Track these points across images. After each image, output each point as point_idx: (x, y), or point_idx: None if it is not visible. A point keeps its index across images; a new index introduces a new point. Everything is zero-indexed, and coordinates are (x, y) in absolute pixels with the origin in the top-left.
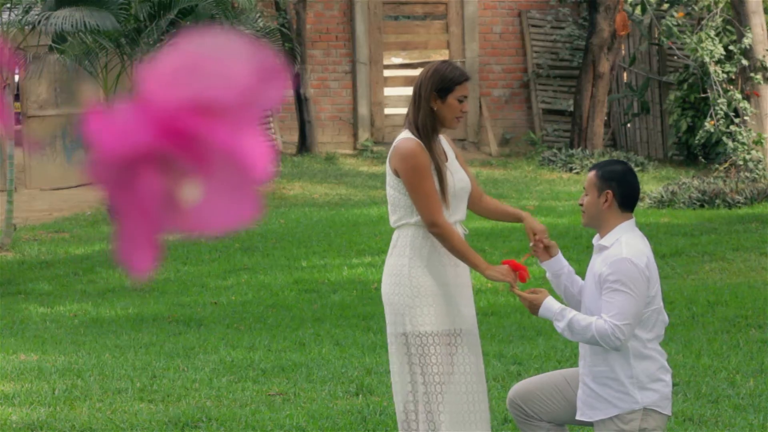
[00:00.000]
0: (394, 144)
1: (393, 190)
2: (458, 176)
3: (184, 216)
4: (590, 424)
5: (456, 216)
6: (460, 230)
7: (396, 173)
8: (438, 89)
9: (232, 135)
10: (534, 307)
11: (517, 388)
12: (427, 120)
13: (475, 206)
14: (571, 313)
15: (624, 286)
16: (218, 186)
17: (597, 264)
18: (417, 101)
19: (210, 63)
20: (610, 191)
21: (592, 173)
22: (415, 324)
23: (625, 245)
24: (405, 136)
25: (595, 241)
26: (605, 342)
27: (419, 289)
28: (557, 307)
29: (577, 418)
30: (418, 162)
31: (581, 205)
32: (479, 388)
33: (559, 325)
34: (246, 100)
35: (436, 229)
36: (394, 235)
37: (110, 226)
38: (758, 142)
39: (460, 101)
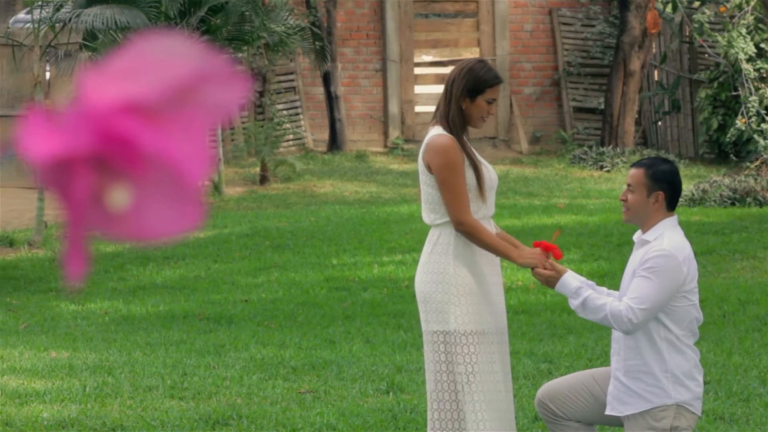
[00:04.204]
0: (426, 140)
1: (430, 188)
2: (491, 169)
3: (118, 222)
4: (620, 420)
5: (491, 210)
6: (492, 226)
7: (429, 169)
8: (469, 89)
9: (169, 140)
10: (552, 281)
11: (545, 388)
12: (456, 117)
13: None
14: (587, 292)
15: (654, 275)
16: (153, 192)
17: (638, 256)
18: (448, 97)
19: (153, 67)
20: (661, 192)
21: (640, 171)
22: (460, 322)
23: (667, 239)
24: (438, 132)
25: (637, 237)
26: (616, 323)
27: (463, 287)
28: (574, 286)
29: (607, 413)
30: (452, 158)
31: (624, 200)
32: (510, 387)
33: (574, 302)
34: (188, 106)
35: (462, 227)
36: (433, 233)
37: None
38: None
39: (489, 103)
